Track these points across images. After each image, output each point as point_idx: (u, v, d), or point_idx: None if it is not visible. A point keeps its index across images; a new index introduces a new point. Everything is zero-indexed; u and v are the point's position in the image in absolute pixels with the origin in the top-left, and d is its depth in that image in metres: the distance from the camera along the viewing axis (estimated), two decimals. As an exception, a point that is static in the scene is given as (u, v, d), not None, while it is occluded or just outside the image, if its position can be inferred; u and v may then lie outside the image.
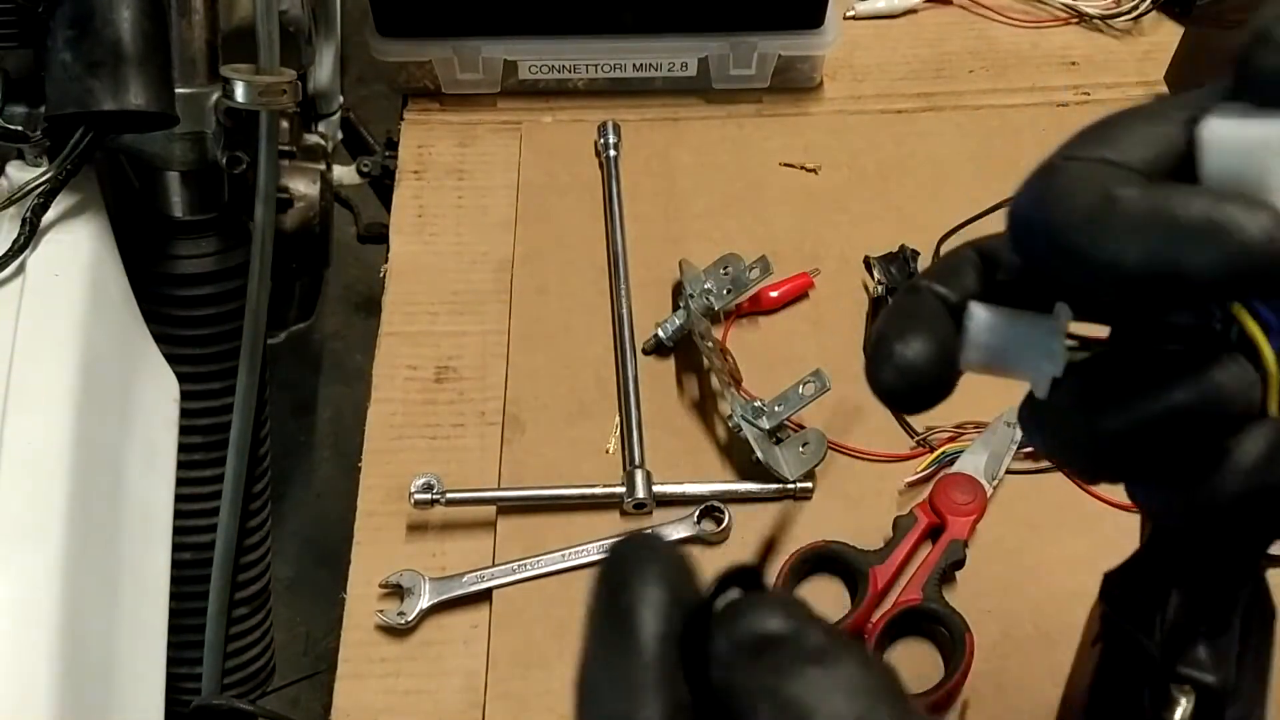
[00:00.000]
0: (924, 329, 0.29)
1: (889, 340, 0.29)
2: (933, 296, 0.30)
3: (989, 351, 0.28)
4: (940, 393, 0.29)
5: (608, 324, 0.73)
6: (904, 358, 0.28)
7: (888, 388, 0.29)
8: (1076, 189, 0.24)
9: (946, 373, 0.29)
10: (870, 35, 0.91)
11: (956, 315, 0.29)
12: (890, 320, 0.30)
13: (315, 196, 0.92)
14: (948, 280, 0.30)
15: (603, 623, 0.27)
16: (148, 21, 0.61)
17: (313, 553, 1.38)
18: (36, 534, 0.56)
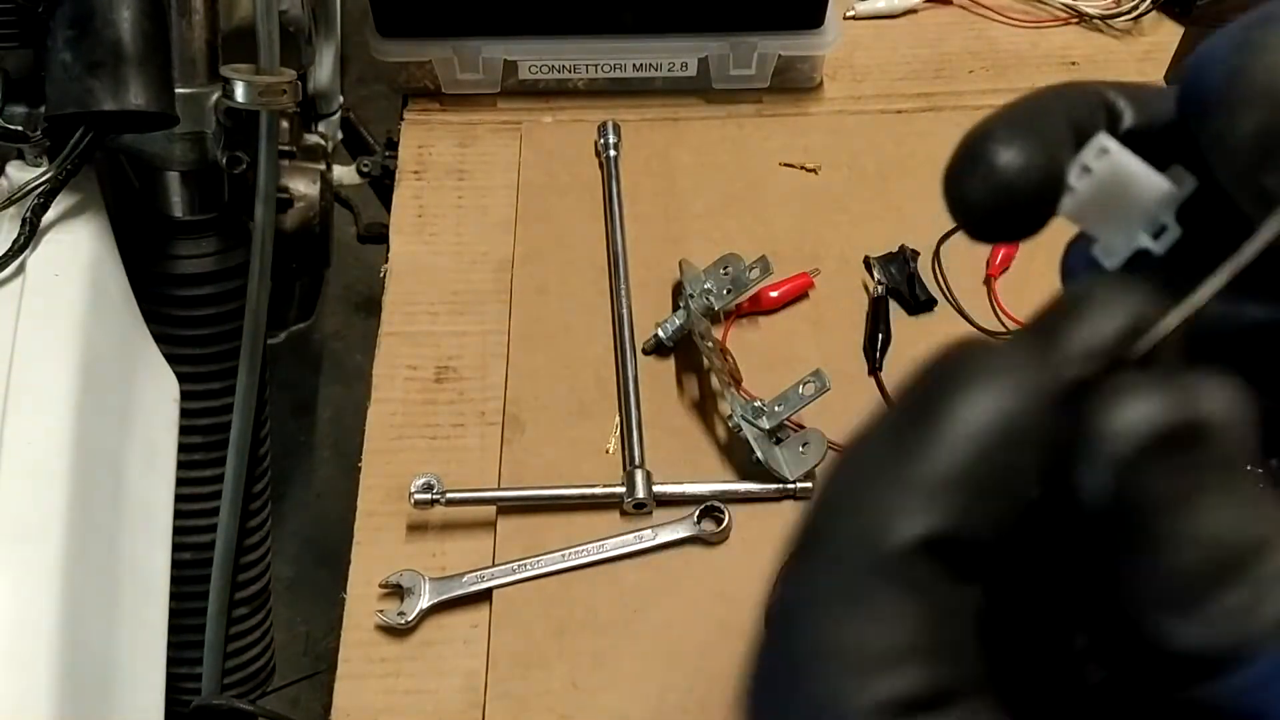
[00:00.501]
0: (1037, 136, 0.23)
1: (991, 138, 0.23)
2: (1060, 106, 0.24)
3: (1102, 193, 0.22)
4: (1034, 221, 0.23)
5: (608, 324, 0.73)
6: (1002, 163, 0.22)
7: (971, 198, 0.23)
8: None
9: (1047, 197, 0.23)
10: (870, 35, 0.91)
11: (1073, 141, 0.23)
12: (1000, 119, 0.23)
13: (315, 196, 0.92)
14: (1079, 110, 0.24)
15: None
16: (148, 21, 0.61)
17: (313, 553, 1.38)
18: (36, 534, 0.56)
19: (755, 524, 0.65)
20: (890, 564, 0.17)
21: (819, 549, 0.18)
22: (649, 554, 0.64)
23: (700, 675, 0.60)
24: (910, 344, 0.73)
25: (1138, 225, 0.22)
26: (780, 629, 0.18)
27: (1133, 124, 0.25)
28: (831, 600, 0.17)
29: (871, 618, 0.16)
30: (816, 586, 0.17)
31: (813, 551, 0.18)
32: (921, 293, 0.74)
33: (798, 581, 0.18)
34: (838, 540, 0.17)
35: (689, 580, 0.63)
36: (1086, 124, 0.24)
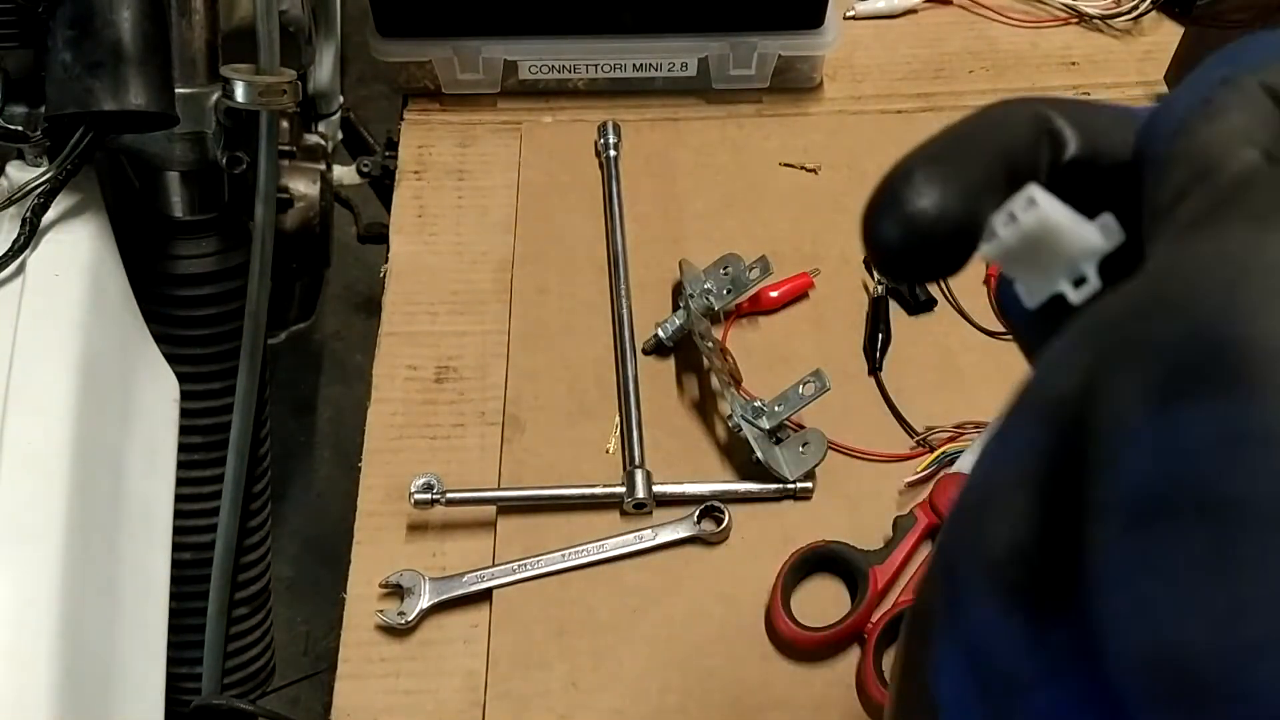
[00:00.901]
0: (957, 178, 0.22)
1: (909, 180, 0.22)
2: (995, 137, 0.23)
3: (1026, 243, 0.22)
4: (949, 264, 0.22)
5: (608, 324, 0.73)
6: (917, 205, 0.22)
7: (885, 239, 0.22)
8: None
9: (963, 243, 0.22)
10: (870, 35, 0.91)
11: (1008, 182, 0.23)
12: (923, 156, 0.23)
13: (315, 196, 0.92)
14: (1016, 142, 0.23)
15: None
16: (148, 22, 0.61)
17: (313, 553, 1.38)
18: (36, 534, 0.56)
19: (755, 524, 0.65)
20: None
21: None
22: (649, 554, 0.64)
23: (700, 675, 0.60)
24: (910, 344, 0.73)
25: (1059, 274, 0.22)
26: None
27: (1077, 154, 0.24)
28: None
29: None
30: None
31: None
32: (921, 293, 0.74)
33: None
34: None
35: (689, 580, 0.63)
36: (1024, 157, 0.23)
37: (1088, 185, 0.23)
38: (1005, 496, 0.17)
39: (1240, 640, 0.12)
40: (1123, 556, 0.14)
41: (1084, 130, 0.24)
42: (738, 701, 0.59)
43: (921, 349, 0.73)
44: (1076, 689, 0.16)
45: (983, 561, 0.17)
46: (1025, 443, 0.17)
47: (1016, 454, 0.17)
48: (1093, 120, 0.24)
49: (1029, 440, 0.17)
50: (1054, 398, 0.17)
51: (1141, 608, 0.13)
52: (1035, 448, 0.17)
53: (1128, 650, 0.14)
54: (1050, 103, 0.24)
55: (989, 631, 0.17)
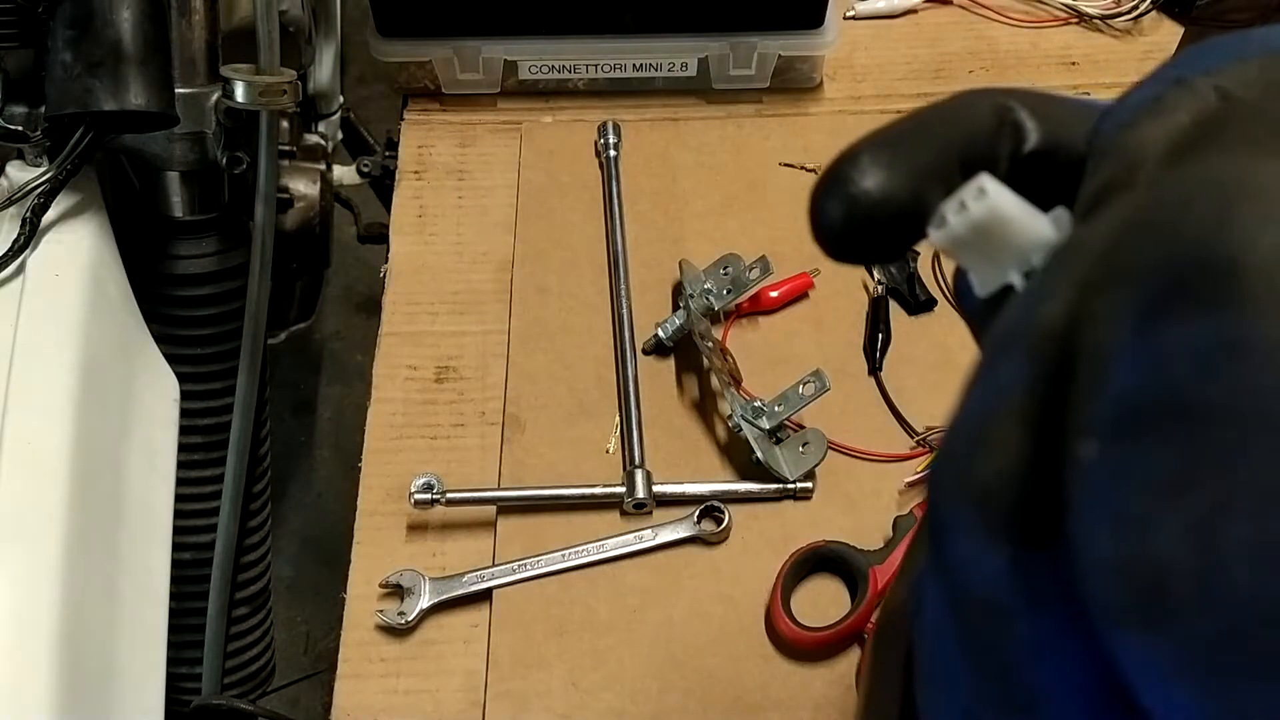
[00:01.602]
0: (906, 163, 0.22)
1: (856, 161, 0.22)
2: (950, 128, 0.23)
3: (976, 233, 0.22)
4: (891, 248, 0.23)
5: (608, 324, 0.73)
6: (861, 185, 0.22)
7: (828, 218, 0.22)
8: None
9: (908, 227, 0.22)
10: (870, 35, 0.91)
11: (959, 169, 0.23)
12: (873, 140, 0.23)
13: (315, 196, 0.92)
14: (974, 131, 0.23)
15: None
16: (148, 22, 0.61)
17: (313, 552, 1.38)
18: (36, 534, 0.56)
19: (755, 524, 0.65)
20: None
21: None
22: (649, 554, 0.64)
23: (700, 675, 0.60)
24: (910, 344, 0.73)
25: (1010, 265, 0.22)
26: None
27: (1037, 146, 0.24)
28: None
29: None
30: None
31: None
32: (921, 293, 0.74)
33: None
34: None
35: (689, 580, 0.63)
36: (981, 146, 0.23)
37: (1047, 178, 0.23)
38: (992, 428, 0.17)
39: (1216, 545, 0.12)
40: (1104, 470, 0.14)
41: (1045, 122, 0.24)
42: (738, 701, 0.59)
43: (921, 349, 0.73)
44: (1058, 620, 0.16)
45: (969, 493, 0.17)
46: (1010, 374, 0.17)
47: (1002, 386, 0.17)
48: (1054, 112, 0.24)
49: (1014, 371, 0.17)
50: (1039, 328, 0.17)
51: (1120, 520, 0.13)
52: (1021, 378, 0.17)
53: (1103, 562, 0.14)
54: (1012, 94, 0.24)
55: (973, 562, 0.17)
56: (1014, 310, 0.19)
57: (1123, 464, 0.14)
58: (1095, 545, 0.14)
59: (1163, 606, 0.13)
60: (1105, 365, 0.15)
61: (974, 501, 0.17)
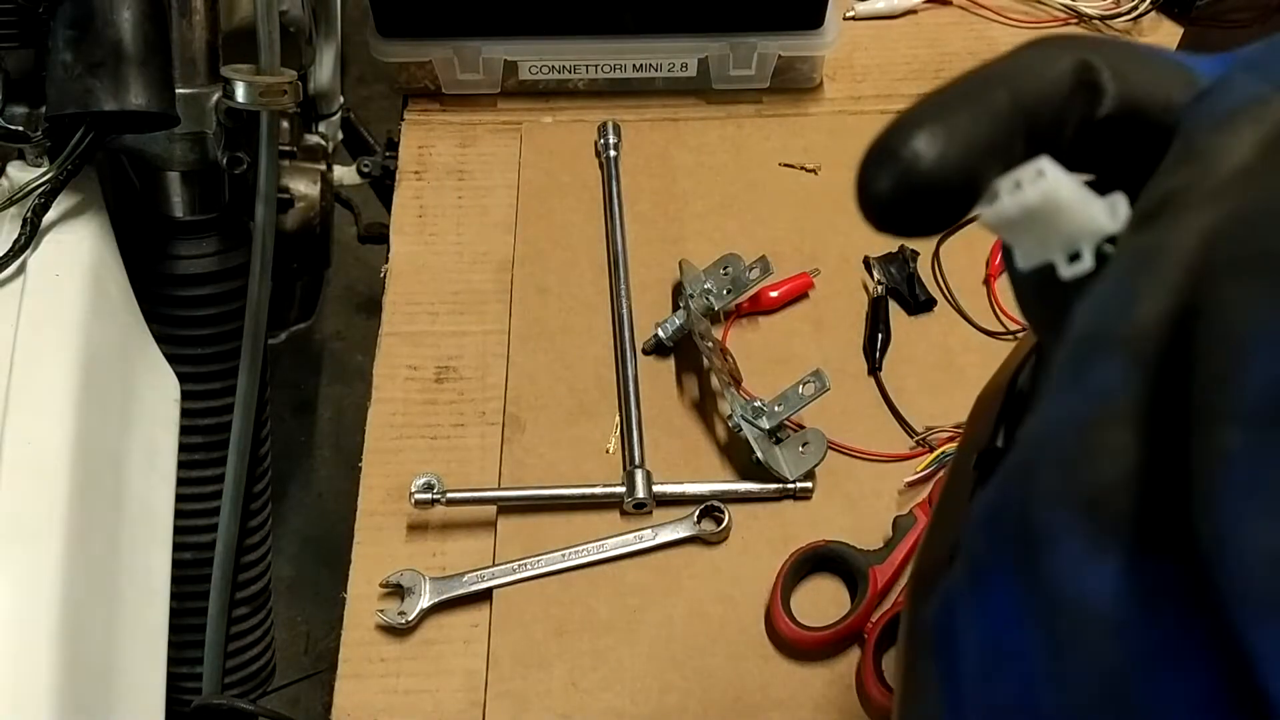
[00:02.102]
0: (962, 132, 0.21)
1: (915, 125, 0.21)
2: (1015, 89, 0.22)
3: (1029, 215, 0.21)
4: (941, 220, 0.22)
5: (608, 324, 0.73)
6: (916, 158, 0.21)
7: (876, 190, 0.21)
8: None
9: (959, 200, 0.21)
10: (870, 35, 0.91)
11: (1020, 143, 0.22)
12: (935, 101, 0.22)
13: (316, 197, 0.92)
14: (1045, 93, 0.22)
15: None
16: (148, 22, 0.61)
17: (313, 552, 1.38)
18: (36, 534, 0.56)
19: (755, 524, 0.65)
20: None
21: None
22: (649, 554, 0.64)
23: (700, 675, 0.60)
24: (910, 344, 0.73)
25: (1056, 247, 0.22)
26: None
27: (1113, 110, 0.22)
28: None
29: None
30: None
31: None
32: (921, 293, 0.74)
33: None
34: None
35: (689, 580, 0.63)
36: (1051, 111, 0.22)
37: (1120, 141, 0.22)
38: (1098, 435, 0.17)
39: None
40: (1247, 460, 0.14)
41: (1125, 84, 0.23)
42: (738, 701, 0.59)
43: (921, 349, 0.73)
44: (1177, 629, 0.15)
45: (1079, 502, 0.17)
46: (1110, 378, 0.17)
47: (1100, 391, 0.17)
48: (1137, 73, 0.23)
49: (1114, 375, 0.17)
50: (1137, 329, 0.17)
51: (1271, 506, 0.13)
52: (1124, 380, 0.17)
53: (1252, 551, 0.13)
54: (1092, 47, 0.23)
55: (1082, 574, 0.16)
56: (1095, 314, 0.18)
57: (1268, 452, 0.13)
58: (1242, 535, 0.14)
59: None
60: (1244, 352, 0.14)
61: (1085, 510, 0.17)
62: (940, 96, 0.22)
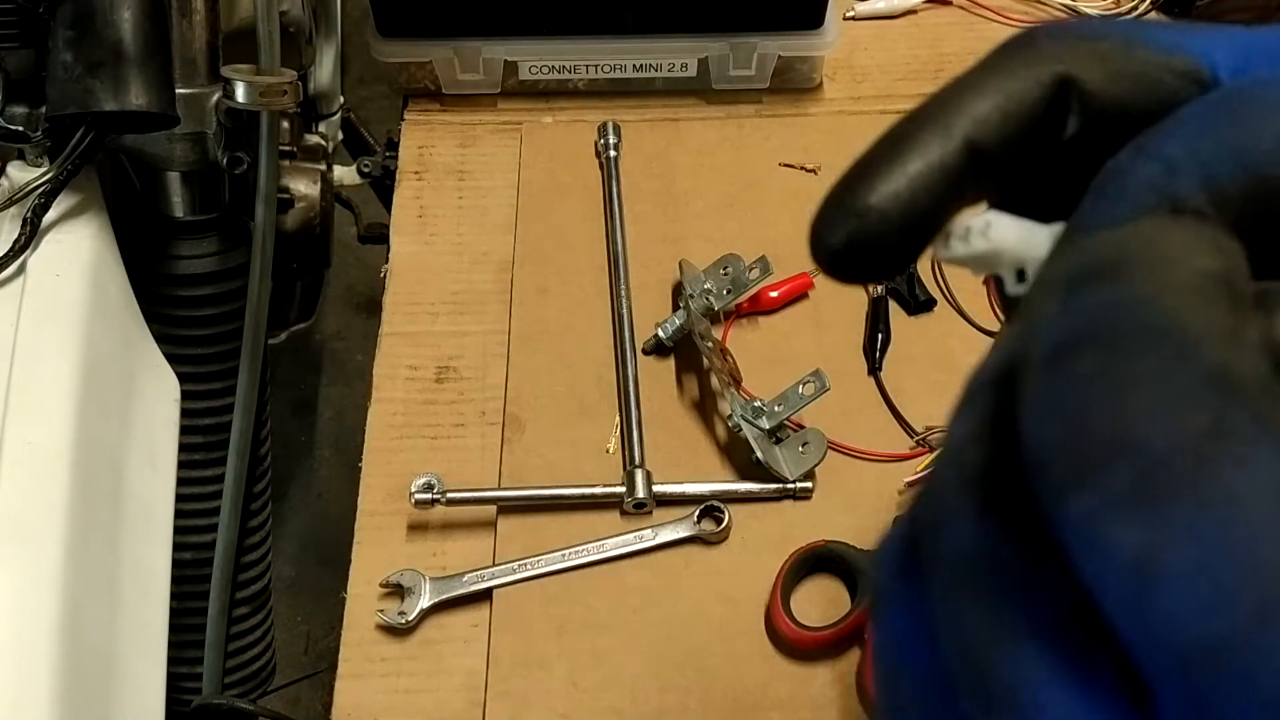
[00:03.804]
0: (921, 176, 0.22)
1: (863, 176, 0.22)
2: (968, 128, 0.22)
3: (978, 259, 0.22)
4: (894, 267, 0.22)
5: (608, 324, 0.73)
6: (867, 209, 0.22)
7: (828, 243, 0.22)
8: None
9: (916, 244, 0.22)
10: (870, 36, 0.91)
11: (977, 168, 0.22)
12: (884, 151, 0.22)
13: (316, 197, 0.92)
14: (999, 124, 0.22)
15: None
16: (148, 22, 0.61)
17: (313, 552, 1.38)
18: (37, 533, 0.56)
19: (755, 524, 0.65)
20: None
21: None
22: (649, 554, 0.64)
23: (700, 675, 0.60)
24: (910, 344, 0.73)
25: (1006, 268, 0.22)
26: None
27: (1084, 128, 0.22)
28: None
29: (1212, 309, 0.17)
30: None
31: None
32: (921, 293, 0.74)
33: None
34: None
35: (689, 580, 0.63)
36: (1009, 139, 0.22)
37: (1114, 136, 0.22)
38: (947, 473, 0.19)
39: (1125, 408, 0.16)
40: (1042, 387, 0.17)
41: (1102, 98, 0.22)
42: (738, 701, 0.59)
43: (921, 349, 0.73)
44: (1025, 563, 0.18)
45: (958, 473, 0.19)
46: (968, 421, 0.19)
47: (971, 416, 0.19)
48: (1121, 80, 0.22)
49: (968, 420, 0.19)
50: (986, 375, 0.19)
51: (1054, 410, 0.16)
52: (982, 405, 0.19)
53: (1049, 444, 0.16)
54: (1079, 49, 0.22)
55: (951, 528, 0.18)
56: (993, 350, 0.20)
57: (1055, 377, 0.17)
58: (1044, 436, 0.17)
59: (1094, 453, 0.16)
60: (1039, 324, 0.18)
61: (960, 479, 0.18)
62: (893, 140, 0.22)
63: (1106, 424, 0.16)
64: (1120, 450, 0.16)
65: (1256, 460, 0.15)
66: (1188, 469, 0.15)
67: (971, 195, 0.22)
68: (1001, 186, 0.23)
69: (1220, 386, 0.16)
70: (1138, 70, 0.23)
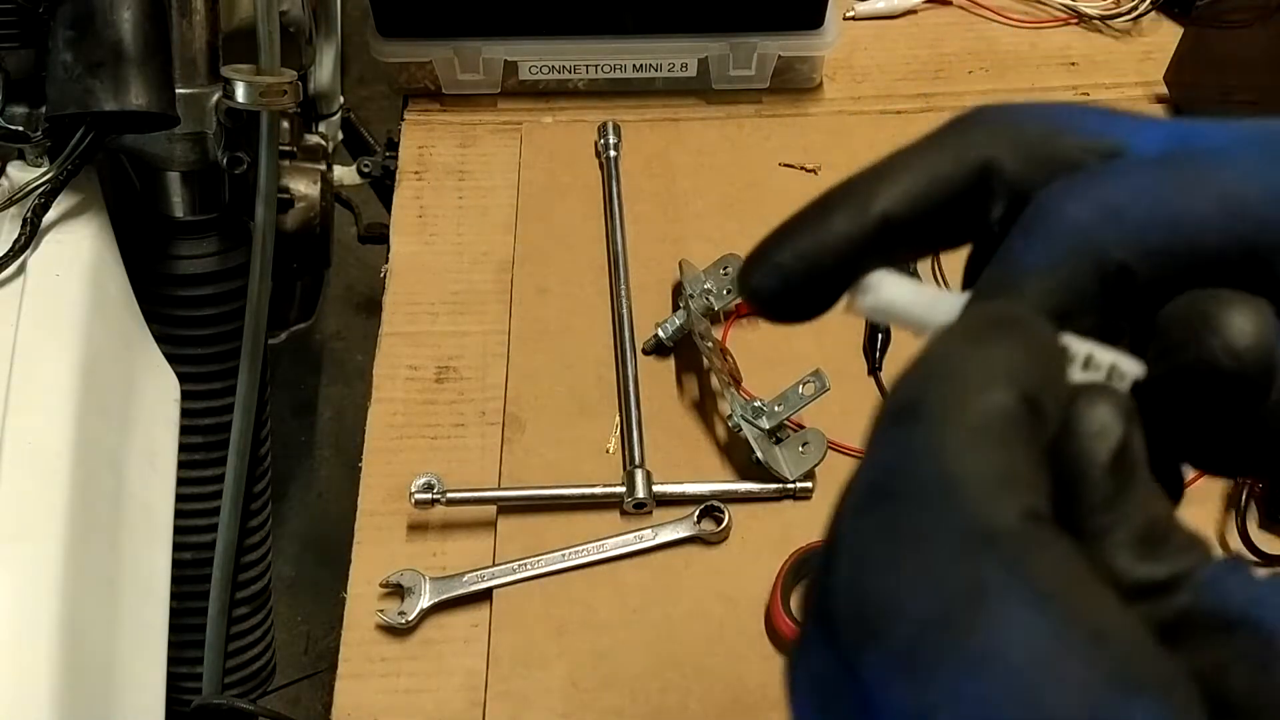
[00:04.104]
0: (832, 240, 0.25)
1: (776, 245, 0.25)
2: (899, 199, 0.25)
3: (878, 313, 0.25)
4: (814, 311, 0.26)
5: (608, 324, 0.73)
6: (785, 263, 0.25)
7: (754, 287, 0.25)
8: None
9: (828, 296, 0.25)
10: (870, 36, 0.91)
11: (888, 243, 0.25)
12: (810, 211, 0.25)
13: (316, 197, 0.92)
14: (923, 204, 0.25)
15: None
16: (148, 22, 0.61)
17: (313, 552, 1.38)
18: (36, 533, 0.56)
19: (755, 524, 0.65)
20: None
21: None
22: (649, 554, 0.64)
23: (700, 675, 0.60)
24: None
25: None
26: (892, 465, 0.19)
27: (1006, 213, 0.24)
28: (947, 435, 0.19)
29: (990, 453, 0.18)
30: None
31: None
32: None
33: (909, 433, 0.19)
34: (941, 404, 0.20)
35: (689, 580, 0.63)
36: (928, 218, 0.25)
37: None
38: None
39: (903, 570, 0.18)
40: (840, 547, 0.19)
41: (1022, 185, 0.24)
42: (738, 701, 0.59)
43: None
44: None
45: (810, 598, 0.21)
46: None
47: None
48: (1044, 167, 0.24)
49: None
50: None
51: (845, 573, 0.19)
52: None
53: (837, 602, 0.18)
54: (1010, 134, 0.24)
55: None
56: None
57: (853, 538, 0.19)
58: (838, 599, 0.18)
59: (871, 629, 0.18)
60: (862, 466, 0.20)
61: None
62: (818, 205, 0.25)
63: (883, 590, 0.17)
64: (895, 614, 0.17)
65: (1010, 618, 0.16)
66: (950, 632, 0.16)
67: (880, 261, 0.25)
68: (924, 254, 0.26)
69: (979, 544, 0.17)
70: (1061, 156, 0.24)
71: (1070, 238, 0.22)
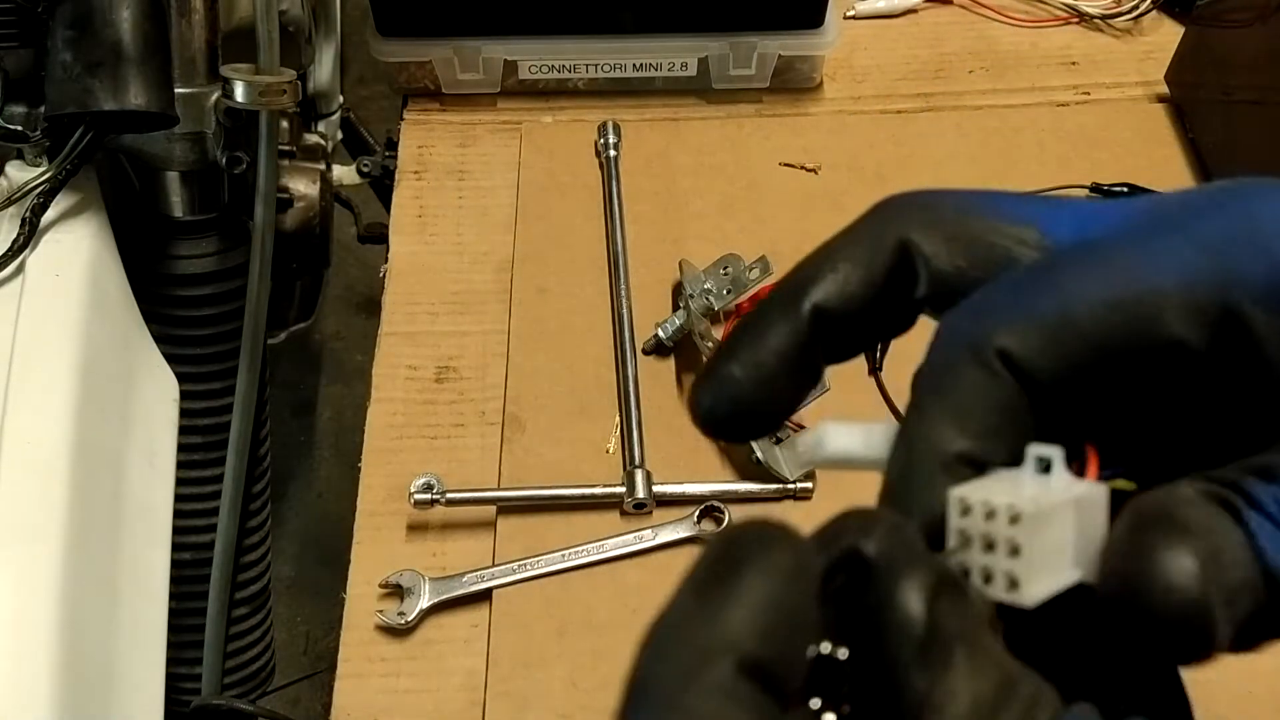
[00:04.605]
0: (766, 366, 0.26)
1: (723, 363, 0.26)
2: (828, 302, 0.26)
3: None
4: (767, 428, 0.27)
5: (608, 324, 0.73)
6: (731, 387, 0.25)
7: (702, 408, 0.26)
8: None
9: (776, 412, 0.27)
10: (870, 35, 0.91)
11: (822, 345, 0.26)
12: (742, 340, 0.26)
13: (315, 196, 0.92)
14: (847, 295, 0.26)
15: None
16: (148, 21, 0.61)
17: (313, 552, 1.38)
18: (36, 534, 0.56)
19: (755, 524, 0.65)
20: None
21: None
22: (649, 554, 0.64)
23: (700, 675, 0.60)
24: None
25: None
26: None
27: (929, 293, 0.26)
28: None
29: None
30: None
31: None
32: (921, 293, 0.74)
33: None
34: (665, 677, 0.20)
35: (689, 580, 0.63)
36: (856, 308, 0.26)
37: (961, 296, 0.25)
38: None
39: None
40: None
41: (942, 266, 0.25)
42: (738, 701, 0.59)
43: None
44: None
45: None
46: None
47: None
48: (964, 250, 0.25)
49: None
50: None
51: None
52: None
53: None
54: (917, 214, 0.25)
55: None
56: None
57: None
58: None
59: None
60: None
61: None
62: (755, 314, 0.26)
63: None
64: None
65: None
66: None
67: (828, 358, 0.27)
68: (868, 344, 0.28)
69: None
70: (974, 237, 0.25)
71: (948, 338, 0.23)
